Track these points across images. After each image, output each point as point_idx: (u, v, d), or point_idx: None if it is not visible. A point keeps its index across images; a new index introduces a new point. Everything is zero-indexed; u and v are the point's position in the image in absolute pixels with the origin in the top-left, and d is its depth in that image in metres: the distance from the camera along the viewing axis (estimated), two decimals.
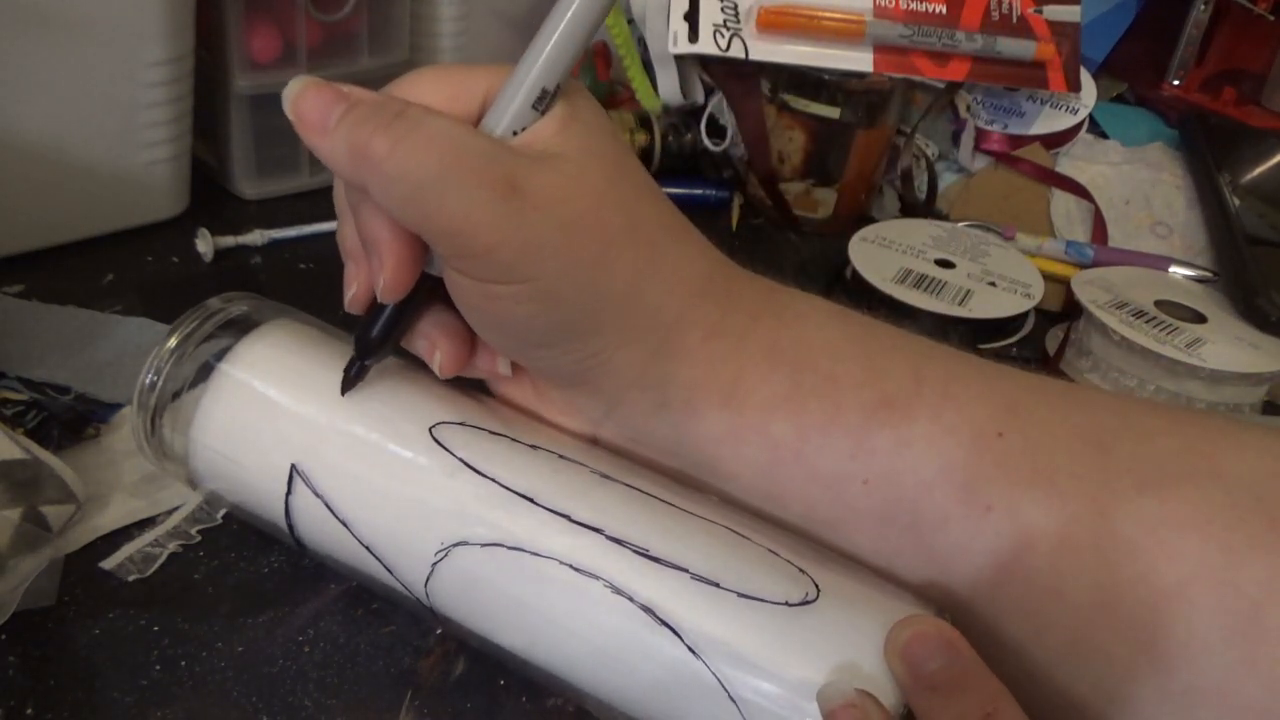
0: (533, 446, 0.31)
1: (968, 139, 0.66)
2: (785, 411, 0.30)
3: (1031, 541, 0.28)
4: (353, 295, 0.31)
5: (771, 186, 0.64)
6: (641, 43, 0.66)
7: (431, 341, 0.32)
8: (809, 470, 0.30)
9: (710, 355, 0.30)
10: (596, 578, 0.28)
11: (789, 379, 0.30)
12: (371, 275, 0.30)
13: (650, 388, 0.31)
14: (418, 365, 0.33)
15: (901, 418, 0.30)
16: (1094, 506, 0.28)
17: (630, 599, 0.28)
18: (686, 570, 0.28)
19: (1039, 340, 0.56)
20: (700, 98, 0.66)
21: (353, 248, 0.31)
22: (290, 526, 0.32)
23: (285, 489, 0.31)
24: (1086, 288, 0.54)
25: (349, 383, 0.32)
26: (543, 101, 0.28)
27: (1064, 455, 0.29)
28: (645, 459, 0.32)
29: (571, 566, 0.28)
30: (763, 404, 0.30)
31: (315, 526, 0.32)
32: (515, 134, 0.28)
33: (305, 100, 0.28)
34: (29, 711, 0.30)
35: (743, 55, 0.60)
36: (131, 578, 0.34)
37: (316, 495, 0.31)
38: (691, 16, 0.60)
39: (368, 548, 0.31)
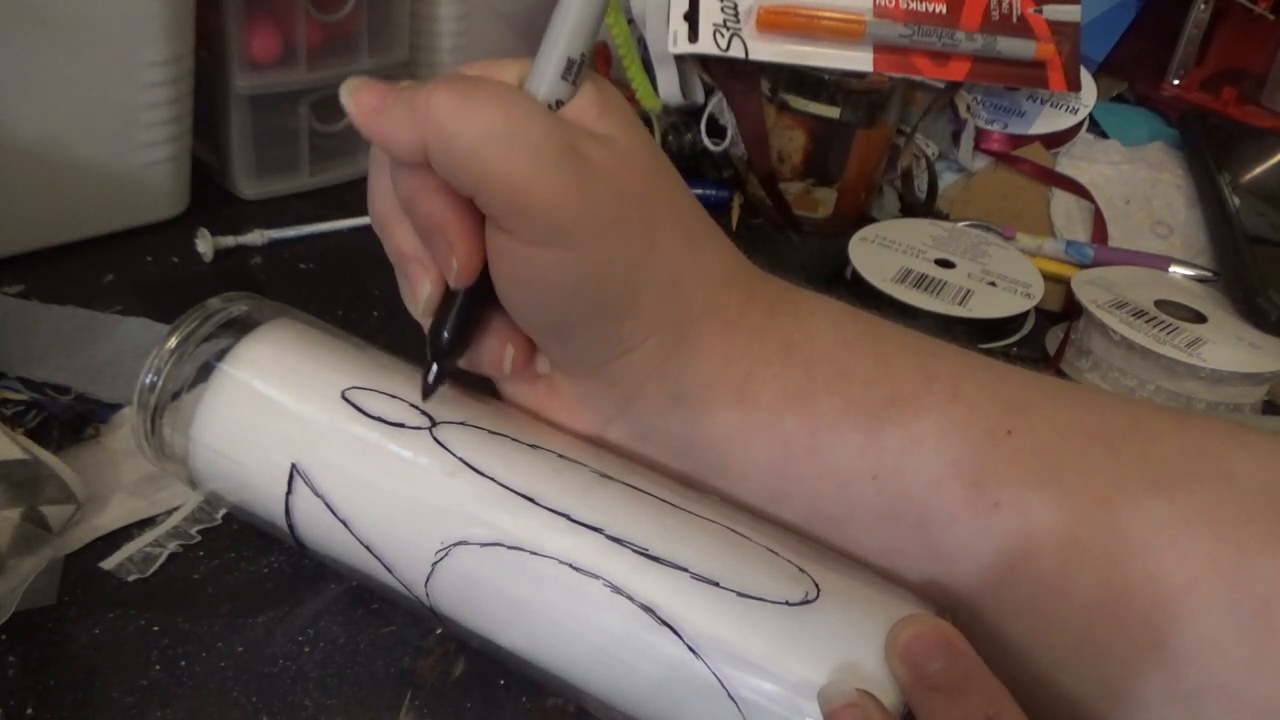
0: (533, 446, 0.31)
1: (968, 139, 0.66)
2: (797, 406, 0.30)
3: (1039, 540, 0.28)
4: (427, 295, 0.30)
5: (771, 186, 0.64)
6: (641, 43, 0.65)
7: (503, 339, 0.32)
8: (819, 466, 0.30)
9: (727, 349, 0.31)
10: (596, 577, 0.28)
11: (802, 374, 0.30)
12: (440, 263, 0.30)
13: (667, 380, 0.31)
14: (417, 365, 0.33)
15: (911, 414, 0.30)
16: (1102, 506, 0.28)
17: (630, 599, 0.28)
18: (686, 570, 0.28)
19: (1039, 340, 0.56)
20: (700, 98, 0.66)
21: (411, 249, 0.31)
22: (290, 526, 0.32)
23: (285, 489, 0.31)
24: (1086, 287, 0.54)
25: (429, 389, 0.31)
26: (570, 71, 0.29)
27: (1073, 454, 0.29)
28: (651, 460, 0.32)
29: (571, 566, 0.28)
30: (775, 399, 0.30)
31: (315, 526, 0.32)
32: (551, 106, 0.29)
33: (363, 91, 0.28)
34: (29, 711, 0.30)
35: (743, 55, 0.60)
36: (131, 578, 0.34)
37: (317, 495, 0.31)
38: (691, 16, 0.60)
39: (368, 547, 0.31)
